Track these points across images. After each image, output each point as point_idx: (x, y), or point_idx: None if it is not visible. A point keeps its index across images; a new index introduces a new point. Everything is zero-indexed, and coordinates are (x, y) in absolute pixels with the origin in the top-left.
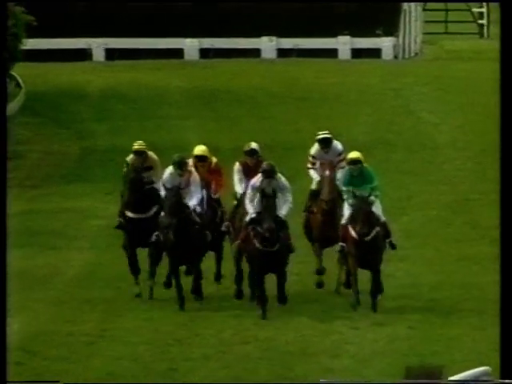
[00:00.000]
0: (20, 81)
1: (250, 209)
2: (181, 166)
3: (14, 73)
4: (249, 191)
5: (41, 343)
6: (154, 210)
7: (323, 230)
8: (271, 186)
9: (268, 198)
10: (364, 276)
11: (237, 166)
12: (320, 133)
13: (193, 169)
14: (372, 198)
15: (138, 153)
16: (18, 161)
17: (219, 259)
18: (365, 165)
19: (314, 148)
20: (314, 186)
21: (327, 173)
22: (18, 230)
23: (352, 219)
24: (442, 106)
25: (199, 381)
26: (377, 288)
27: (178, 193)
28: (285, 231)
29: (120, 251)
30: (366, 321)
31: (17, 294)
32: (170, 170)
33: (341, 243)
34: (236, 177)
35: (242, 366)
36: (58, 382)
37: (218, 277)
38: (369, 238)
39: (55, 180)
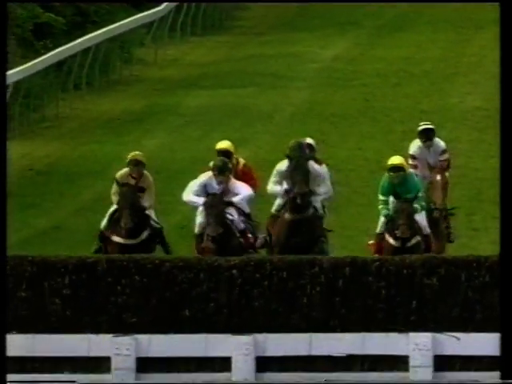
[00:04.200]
0: None
1: (277, 189)
2: (223, 171)
3: None
4: (273, 178)
5: None
6: (146, 234)
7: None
8: None
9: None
10: None
11: None
12: (421, 124)
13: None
14: (416, 205)
15: (135, 162)
16: (244, 12)
17: None
18: (409, 171)
19: (414, 145)
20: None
21: (438, 177)
22: (243, 72)
23: (389, 226)
24: None
25: None
26: None
27: (221, 200)
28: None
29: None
30: None
31: (242, 128)
32: (205, 176)
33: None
34: None
35: None
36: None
37: None
38: (410, 244)
39: (279, 28)
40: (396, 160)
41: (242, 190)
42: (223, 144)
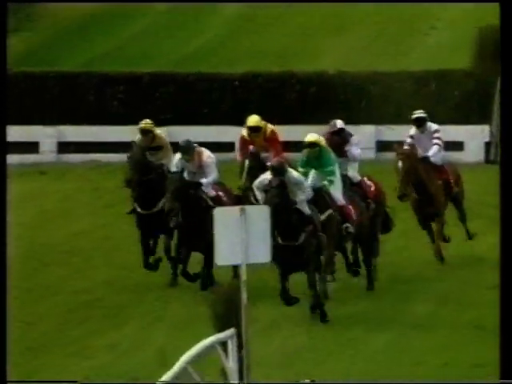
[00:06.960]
0: None
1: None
2: (186, 151)
3: None
4: (257, 186)
5: None
6: (161, 204)
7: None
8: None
9: (275, 188)
10: None
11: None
12: (415, 112)
13: (203, 150)
14: (325, 182)
15: (144, 131)
16: None
17: None
18: (323, 148)
19: (412, 129)
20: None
21: (399, 164)
22: None
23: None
24: None
25: None
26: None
27: (181, 177)
28: (311, 226)
29: None
30: None
31: (191, 39)
32: (177, 156)
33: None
34: None
35: None
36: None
37: None
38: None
39: None
40: (311, 137)
41: (211, 172)
42: (252, 121)
